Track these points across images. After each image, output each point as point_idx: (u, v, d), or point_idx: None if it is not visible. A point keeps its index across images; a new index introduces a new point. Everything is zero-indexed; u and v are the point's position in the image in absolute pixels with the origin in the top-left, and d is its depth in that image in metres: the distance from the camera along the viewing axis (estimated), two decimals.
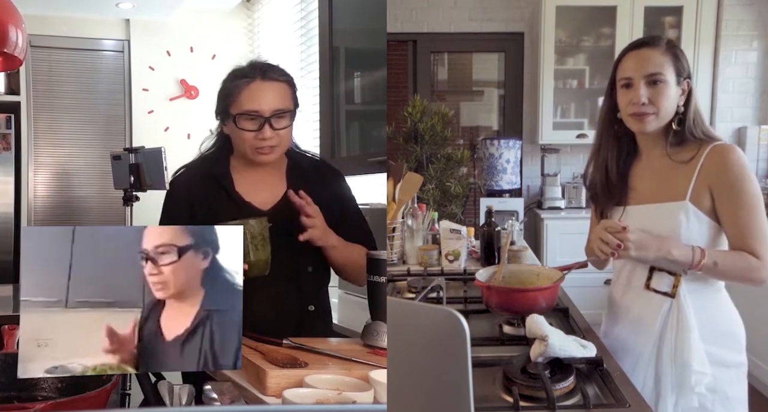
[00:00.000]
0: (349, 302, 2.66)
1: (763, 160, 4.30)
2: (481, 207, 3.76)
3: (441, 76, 4.90)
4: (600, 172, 1.59)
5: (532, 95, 4.57)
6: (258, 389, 1.18)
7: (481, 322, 1.66)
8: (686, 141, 1.48)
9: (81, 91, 4.22)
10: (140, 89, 4.31)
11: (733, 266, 1.40)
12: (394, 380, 0.83)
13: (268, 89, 1.58)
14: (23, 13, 2.14)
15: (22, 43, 2.02)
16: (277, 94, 1.59)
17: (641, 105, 1.44)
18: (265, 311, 1.56)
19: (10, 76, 3.97)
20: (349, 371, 1.19)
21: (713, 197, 1.42)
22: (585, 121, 4.44)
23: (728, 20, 4.33)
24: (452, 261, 2.38)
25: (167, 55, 4.32)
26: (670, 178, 1.48)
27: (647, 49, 1.47)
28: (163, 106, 4.33)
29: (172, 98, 4.33)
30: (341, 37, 3.19)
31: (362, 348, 1.39)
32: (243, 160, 1.66)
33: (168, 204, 1.70)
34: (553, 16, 4.21)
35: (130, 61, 4.30)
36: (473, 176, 4.28)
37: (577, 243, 1.86)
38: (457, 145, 4.62)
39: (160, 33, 4.30)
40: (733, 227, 1.42)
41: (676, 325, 1.45)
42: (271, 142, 1.58)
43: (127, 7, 4.05)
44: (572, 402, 1.16)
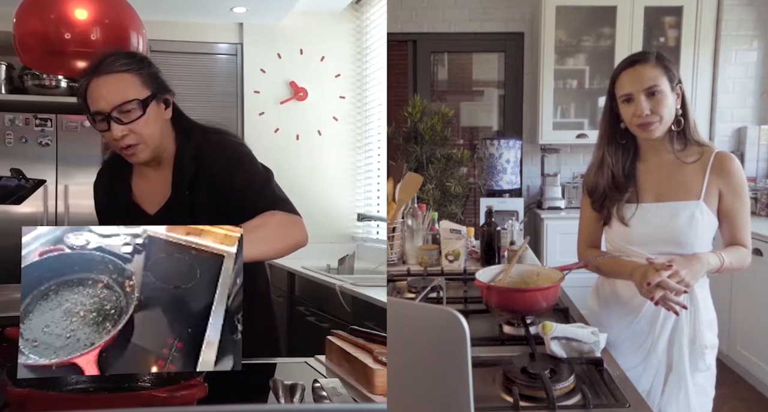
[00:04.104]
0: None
1: (763, 160, 4.30)
2: (481, 207, 3.76)
3: (441, 76, 4.90)
4: (605, 178, 1.69)
5: (532, 95, 4.57)
6: (366, 388, 1.20)
7: (481, 322, 1.66)
8: (687, 143, 1.64)
9: (196, 94, 4.29)
10: (252, 91, 4.39)
11: (737, 260, 1.60)
12: (394, 380, 0.83)
13: (102, 85, 1.47)
14: (144, 19, 2.22)
15: (143, 48, 2.14)
16: (116, 87, 1.47)
17: (645, 116, 1.57)
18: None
19: None
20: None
21: (720, 198, 1.61)
22: (585, 121, 4.44)
23: (728, 20, 4.33)
24: (452, 261, 2.38)
25: (278, 57, 4.39)
26: (681, 179, 1.63)
27: (640, 66, 1.60)
28: (274, 108, 4.40)
29: (283, 101, 4.40)
30: None
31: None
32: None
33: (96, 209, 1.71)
34: (553, 16, 4.21)
35: (243, 64, 4.38)
36: (473, 176, 4.27)
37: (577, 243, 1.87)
38: (457, 145, 4.62)
39: (272, 36, 4.38)
40: (731, 222, 1.62)
41: (694, 314, 1.61)
42: (126, 140, 1.48)
43: (240, 11, 4.12)
44: (572, 402, 1.16)
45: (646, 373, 1.61)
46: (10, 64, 3.98)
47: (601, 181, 1.70)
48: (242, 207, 1.51)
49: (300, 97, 4.42)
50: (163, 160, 1.61)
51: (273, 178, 1.63)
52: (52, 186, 3.82)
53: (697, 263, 1.52)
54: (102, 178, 1.71)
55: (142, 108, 1.49)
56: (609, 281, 1.75)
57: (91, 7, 2.03)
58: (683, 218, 1.59)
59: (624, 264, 1.62)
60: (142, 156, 1.53)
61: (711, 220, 1.61)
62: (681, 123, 1.62)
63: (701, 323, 1.61)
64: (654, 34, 4.28)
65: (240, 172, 1.57)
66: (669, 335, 1.61)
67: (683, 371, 1.58)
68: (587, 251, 1.80)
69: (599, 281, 1.81)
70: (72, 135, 3.82)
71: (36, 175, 1.44)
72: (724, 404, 3.14)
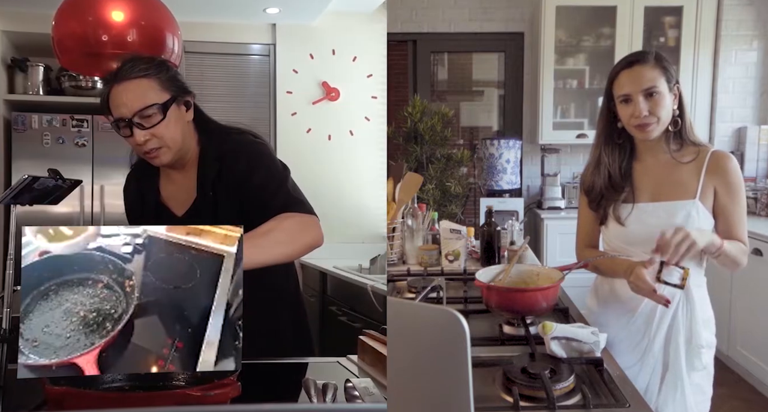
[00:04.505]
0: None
1: (763, 160, 4.30)
2: (481, 207, 3.76)
3: (441, 76, 4.90)
4: (602, 177, 1.69)
5: (532, 95, 4.57)
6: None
7: (481, 322, 1.66)
8: (683, 143, 1.65)
9: (229, 95, 4.30)
10: (284, 92, 4.38)
11: (734, 250, 1.59)
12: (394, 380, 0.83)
13: (123, 92, 1.49)
14: (179, 21, 2.25)
15: (178, 50, 2.17)
16: (135, 93, 1.49)
17: (643, 117, 1.57)
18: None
19: None
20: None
21: (715, 197, 1.61)
22: (585, 121, 4.44)
23: (728, 20, 4.33)
24: (452, 261, 2.38)
25: (310, 58, 4.39)
26: (677, 178, 1.63)
27: (639, 67, 1.59)
28: (306, 108, 4.40)
29: (315, 101, 4.40)
30: None
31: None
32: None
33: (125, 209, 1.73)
34: (553, 16, 4.21)
35: (276, 64, 4.38)
36: (473, 176, 4.27)
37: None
38: (457, 145, 4.62)
39: (304, 36, 4.38)
40: (727, 219, 1.62)
41: (690, 313, 1.61)
42: (149, 145, 1.51)
43: (273, 12, 4.14)
44: (572, 402, 1.16)
45: (642, 372, 1.62)
46: (48, 65, 4.03)
47: (598, 180, 1.70)
48: (259, 206, 1.52)
49: (332, 97, 4.42)
50: (187, 161, 1.62)
51: (290, 177, 1.62)
52: (88, 186, 3.87)
53: (700, 232, 1.52)
54: (130, 182, 1.73)
55: (162, 112, 1.50)
56: (608, 281, 1.75)
57: (128, 9, 2.07)
58: (679, 218, 1.60)
59: (619, 263, 1.63)
60: (165, 159, 1.55)
61: (707, 219, 1.61)
62: (678, 123, 1.63)
63: (697, 323, 1.61)
64: (654, 34, 4.28)
65: (258, 172, 1.57)
66: (665, 334, 1.62)
67: (680, 370, 1.59)
68: (585, 250, 1.80)
69: (598, 281, 1.81)
70: (108, 136, 3.83)
71: (72, 176, 1.45)
72: (724, 404, 3.14)
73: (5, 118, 3.91)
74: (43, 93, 4.02)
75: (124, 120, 1.49)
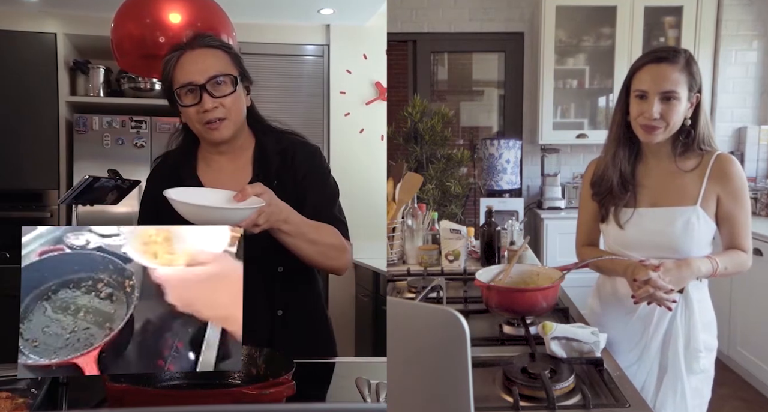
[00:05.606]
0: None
1: (763, 160, 4.30)
2: (481, 207, 3.76)
3: (441, 76, 4.90)
4: (615, 172, 1.65)
5: (532, 95, 4.57)
6: None
7: (481, 322, 1.66)
8: (690, 150, 1.60)
9: (283, 96, 4.31)
10: (338, 92, 4.38)
11: (733, 264, 1.58)
12: (394, 380, 0.83)
13: (198, 57, 1.47)
14: (234, 22, 2.27)
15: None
16: (211, 61, 1.47)
17: (653, 119, 1.52)
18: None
19: None
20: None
21: (719, 203, 1.58)
22: (585, 121, 4.44)
23: (728, 20, 4.33)
24: (452, 261, 2.38)
25: (363, 58, 4.38)
26: (679, 184, 1.60)
27: (666, 65, 1.52)
28: (359, 108, 4.39)
29: (368, 102, 4.39)
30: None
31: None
32: (208, 148, 1.57)
33: (142, 199, 1.64)
34: (553, 16, 4.21)
35: (329, 65, 4.38)
36: (473, 176, 4.27)
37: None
38: (457, 145, 4.62)
39: (358, 37, 4.37)
40: (731, 227, 1.59)
41: (688, 316, 1.60)
42: (215, 113, 1.46)
43: (327, 13, 4.14)
44: (572, 402, 1.16)
45: (639, 372, 1.61)
46: (108, 67, 4.07)
47: (613, 175, 1.65)
48: (309, 215, 1.47)
49: (385, 97, 4.43)
50: (237, 148, 1.57)
51: (338, 197, 1.62)
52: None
53: (686, 269, 1.51)
54: (163, 168, 1.63)
55: (233, 84, 1.48)
56: (610, 281, 1.74)
57: (185, 11, 2.10)
58: (679, 224, 1.57)
59: (619, 262, 1.62)
60: (226, 132, 1.49)
61: (708, 225, 1.58)
62: (691, 133, 1.58)
63: (696, 326, 1.59)
64: (654, 34, 4.28)
65: (315, 179, 1.57)
66: (663, 336, 1.61)
67: (679, 373, 1.58)
68: (584, 249, 1.79)
69: (600, 281, 1.81)
70: (166, 137, 3.77)
71: (131, 176, 1.45)
72: (724, 404, 3.14)
73: (67, 119, 3.95)
74: (103, 95, 4.05)
75: (195, 85, 1.45)
